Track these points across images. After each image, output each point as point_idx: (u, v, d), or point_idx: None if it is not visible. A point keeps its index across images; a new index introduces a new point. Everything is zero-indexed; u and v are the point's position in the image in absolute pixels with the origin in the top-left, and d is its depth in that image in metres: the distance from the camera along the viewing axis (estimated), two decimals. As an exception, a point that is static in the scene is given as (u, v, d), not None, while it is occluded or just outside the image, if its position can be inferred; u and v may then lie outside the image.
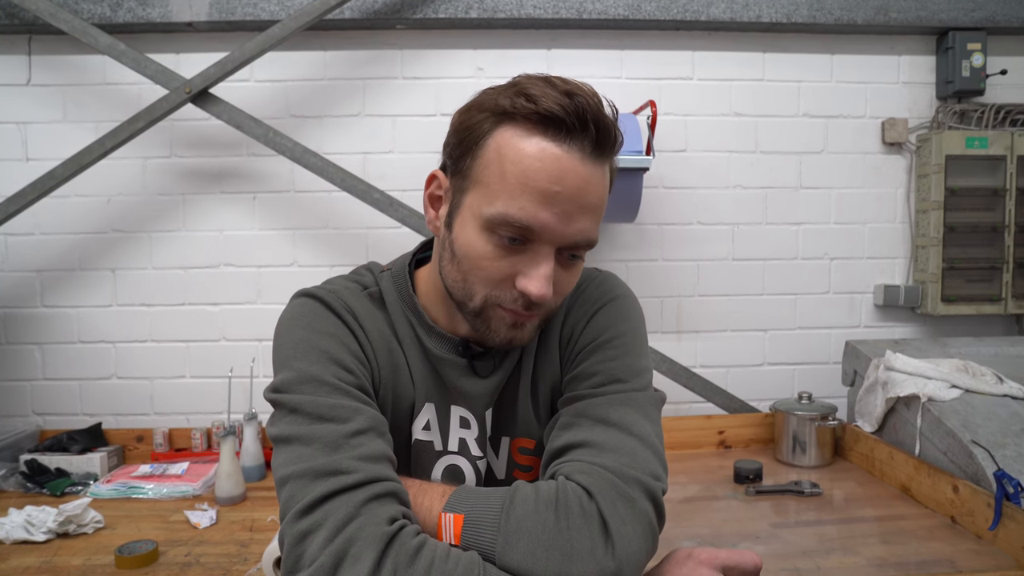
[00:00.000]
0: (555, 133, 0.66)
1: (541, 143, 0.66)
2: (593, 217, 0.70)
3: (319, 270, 1.96)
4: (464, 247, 0.70)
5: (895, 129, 2.01)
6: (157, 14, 1.82)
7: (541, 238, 0.68)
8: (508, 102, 0.67)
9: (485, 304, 0.71)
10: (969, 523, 1.31)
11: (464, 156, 0.71)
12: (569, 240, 0.69)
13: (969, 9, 1.94)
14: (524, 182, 0.66)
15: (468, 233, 0.70)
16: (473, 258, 0.70)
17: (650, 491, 0.66)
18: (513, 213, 0.66)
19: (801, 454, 1.73)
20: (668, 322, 2.04)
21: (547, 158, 0.65)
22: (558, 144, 0.66)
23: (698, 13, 1.91)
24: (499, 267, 0.69)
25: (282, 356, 0.72)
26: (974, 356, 1.73)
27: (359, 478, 0.61)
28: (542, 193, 0.66)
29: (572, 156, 0.66)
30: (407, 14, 1.86)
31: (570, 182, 0.66)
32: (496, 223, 0.67)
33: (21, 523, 1.33)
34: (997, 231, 1.97)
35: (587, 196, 0.68)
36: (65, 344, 1.93)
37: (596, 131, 0.66)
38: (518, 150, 0.66)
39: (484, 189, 0.68)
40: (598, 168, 0.68)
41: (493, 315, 0.72)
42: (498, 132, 0.68)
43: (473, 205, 0.69)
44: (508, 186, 0.66)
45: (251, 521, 1.45)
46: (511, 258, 0.69)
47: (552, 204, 0.66)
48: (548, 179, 0.65)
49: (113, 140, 1.74)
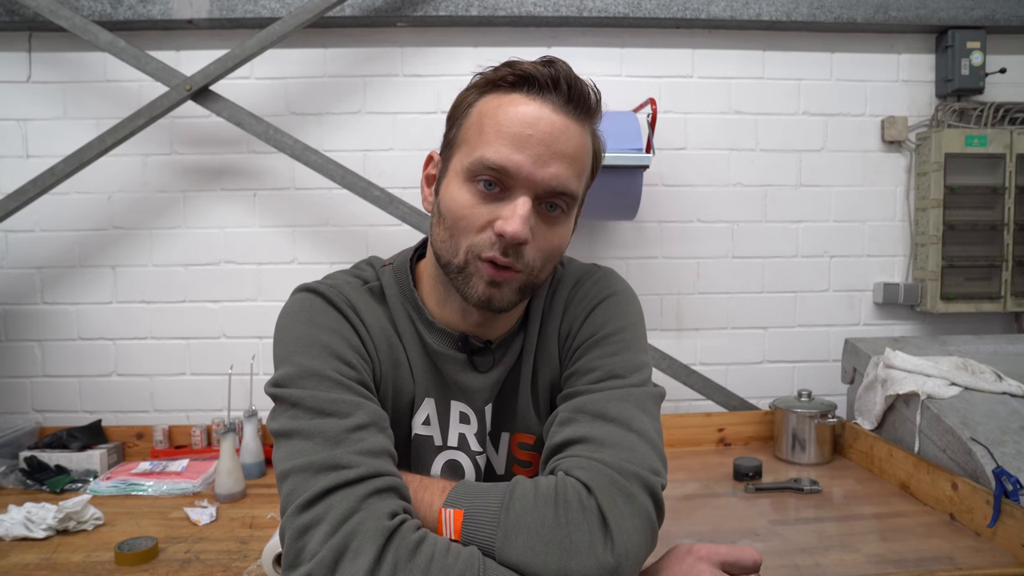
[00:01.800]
0: (529, 89, 0.72)
1: (516, 97, 0.72)
2: (568, 166, 0.72)
3: (319, 267, 1.96)
4: (448, 202, 0.74)
5: (895, 127, 2.01)
6: (158, 11, 1.82)
7: (516, 182, 0.71)
8: (492, 73, 0.74)
9: (467, 257, 0.73)
10: (968, 520, 1.32)
11: (452, 128, 0.77)
12: (544, 184, 0.71)
13: (968, 8, 1.94)
14: (498, 129, 0.71)
15: (451, 189, 0.74)
16: (455, 209, 0.73)
17: (649, 486, 0.66)
18: (489, 156, 0.70)
19: (800, 451, 1.73)
20: (668, 320, 2.04)
21: (520, 106, 0.72)
22: (532, 97, 0.72)
23: (698, 11, 1.91)
24: (478, 213, 0.72)
25: (283, 351, 0.73)
26: (973, 354, 1.73)
27: (360, 473, 0.62)
28: (515, 136, 0.70)
29: (544, 106, 0.71)
30: (408, 12, 1.86)
31: (542, 127, 0.70)
32: (475, 170, 0.71)
33: (21, 520, 1.33)
34: (996, 229, 1.97)
35: (560, 143, 0.71)
36: (65, 341, 1.93)
37: (568, 88, 0.72)
38: (496, 107, 0.72)
39: (466, 146, 0.73)
40: (573, 122, 0.73)
41: (474, 270, 0.73)
42: (481, 100, 0.74)
43: (456, 164, 0.74)
44: (485, 136, 0.71)
45: (251, 518, 1.45)
46: (490, 205, 0.72)
47: (525, 146, 0.70)
48: (520, 124, 0.70)
49: (113, 137, 1.73)
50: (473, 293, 0.73)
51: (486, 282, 0.72)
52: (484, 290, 0.73)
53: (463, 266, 0.73)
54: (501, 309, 0.75)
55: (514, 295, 0.75)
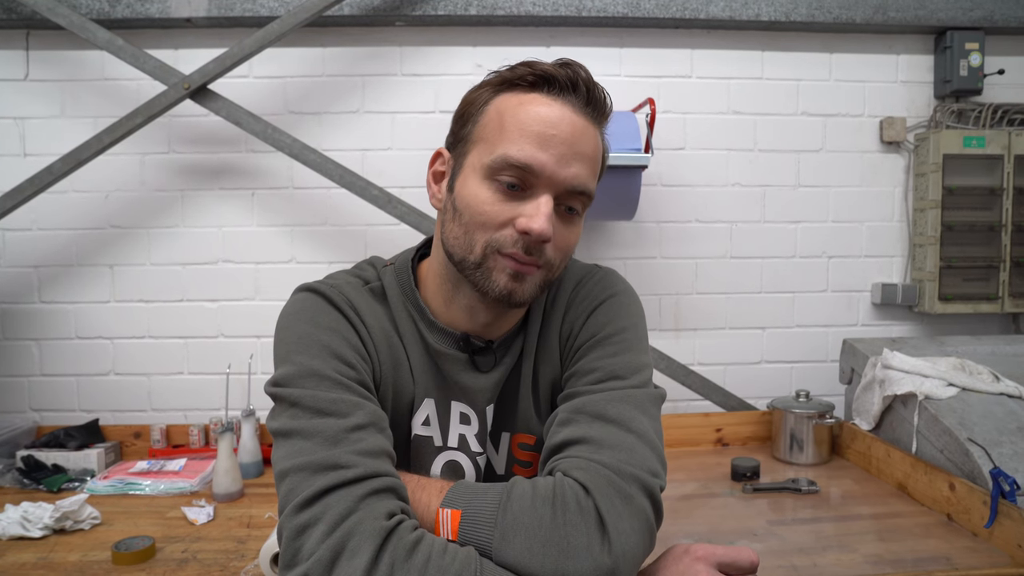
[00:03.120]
0: (549, 90, 0.73)
1: (536, 97, 0.72)
2: (588, 167, 0.74)
3: (317, 267, 1.96)
4: (466, 198, 0.73)
5: (893, 128, 2.01)
6: (156, 10, 1.82)
7: (539, 180, 0.71)
8: (509, 72, 0.74)
9: (485, 252, 0.73)
10: (965, 521, 1.32)
11: (465, 125, 0.76)
12: (566, 184, 0.72)
13: (967, 9, 1.94)
14: (522, 128, 0.71)
15: (470, 185, 0.73)
16: (475, 206, 0.72)
17: (648, 488, 0.66)
18: (513, 154, 0.70)
19: (798, 452, 1.73)
20: (666, 320, 2.04)
21: (542, 107, 0.72)
22: (553, 98, 0.73)
23: (697, 11, 1.91)
24: (500, 211, 0.72)
25: (283, 350, 0.72)
26: (971, 354, 1.73)
27: (358, 473, 0.62)
28: (539, 135, 0.70)
29: (565, 107, 0.72)
30: (406, 11, 1.86)
31: (564, 127, 0.71)
32: (497, 167, 0.71)
33: (17, 519, 1.32)
34: (994, 230, 1.97)
35: (581, 144, 0.72)
36: (62, 340, 1.93)
37: (587, 91, 0.73)
38: (516, 105, 0.72)
39: (485, 144, 0.73)
40: (590, 124, 0.74)
41: (494, 264, 0.73)
42: (498, 98, 0.74)
43: (474, 160, 0.74)
44: (508, 134, 0.71)
45: (248, 518, 1.44)
46: (511, 203, 0.72)
47: (549, 146, 0.70)
48: (544, 124, 0.71)
49: (111, 136, 1.73)
50: (495, 287, 0.73)
51: (509, 275, 0.72)
52: (506, 283, 0.73)
53: (480, 261, 0.73)
54: (520, 303, 0.75)
55: (535, 289, 0.75)
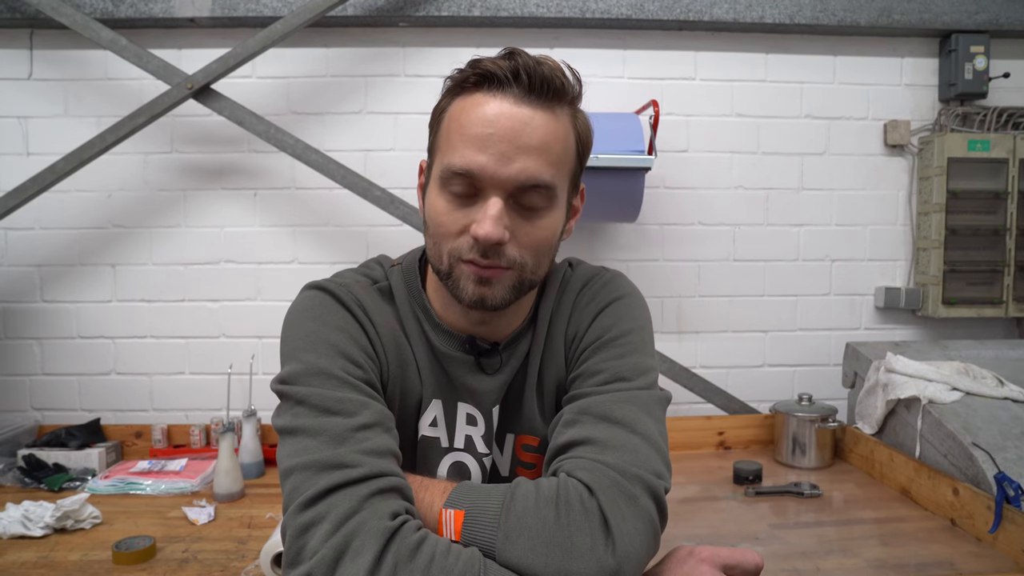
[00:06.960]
0: (490, 87, 0.71)
1: (478, 97, 0.71)
2: (537, 157, 0.70)
3: (319, 267, 1.95)
4: (429, 210, 0.75)
5: (897, 131, 2.01)
6: (159, 9, 1.82)
7: (484, 183, 0.70)
8: (459, 74, 0.73)
9: (450, 262, 0.73)
10: (969, 526, 1.31)
11: (432, 135, 0.77)
12: (512, 182, 0.70)
13: (972, 12, 1.94)
14: (463, 134, 0.70)
15: (431, 196, 0.74)
16: (434, 217, 0.73)
17: (652, 489, 0.65)
18: (455, 162, 0.70)
19: (801, 455, 1.73)
20: (668, 322, 2.04)
21: (479, 107, 0.70)
22: (492, 95, 0.71)
23: (701, 13, 1.90)
24: (454, 219, 0.72)
25: (290, 348, 0.72)
26: (975, 359, 1.73)
27: (363, 472, 0.61)
28: (476, 138, 0.69)
29: (504, 101, 0.70)
30: (410, 12, 1.86)
31: (503, 123, 0.69)
32: (446, 178, 0.71)
33: (18, 518, 1.32)
34: (998, 234, 1.97)
35: (523, 136, 0.70)
36: (64, 339, 1.93)
37: (528, 77, 0.70)
38: (461, 111, 0.72)
39: (440, 153, 0.74)
40: (538, 112, 0.71)
41: (459, 273, 0.73)
42: (452, 104, 0.74)
43: (435, 171, 0.74)
44: (452, 142, 0.71)
45: (249, 518, 1.44)
46: (464, 210, 0.72)
47: (487, 146, 0.69)
48: (481, 124, 0.70)
49: (114, 135, 1.73)
50: (465, 294, 0.73)
51: (474, 282, 0.72)
52: (474, 290, 0.72)
53: (449, 271, 0.73)
54: (496, 307, 0.74)
55: (508, 292, 0.74)
